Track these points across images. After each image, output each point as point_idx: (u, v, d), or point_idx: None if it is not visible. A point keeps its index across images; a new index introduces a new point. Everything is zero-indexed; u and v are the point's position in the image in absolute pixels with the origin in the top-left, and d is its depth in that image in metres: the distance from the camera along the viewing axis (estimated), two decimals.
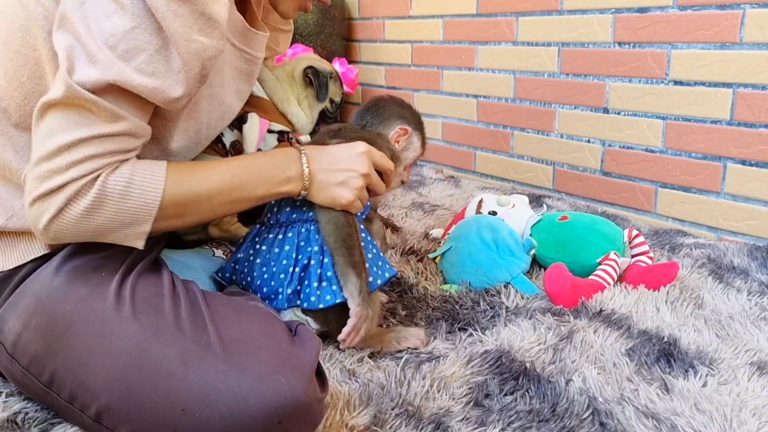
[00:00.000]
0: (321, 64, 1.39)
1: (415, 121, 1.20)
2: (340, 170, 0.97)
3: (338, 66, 2.47)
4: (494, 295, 1.23)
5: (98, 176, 0.77)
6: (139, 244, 0.82)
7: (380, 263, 1.05)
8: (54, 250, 0.86)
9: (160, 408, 0.73)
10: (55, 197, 0.75)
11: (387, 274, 1.05)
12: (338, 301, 0.98)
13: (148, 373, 0.74)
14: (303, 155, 0.95)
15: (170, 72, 0.78)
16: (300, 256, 1.00)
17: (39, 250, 0.85)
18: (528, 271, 1.34)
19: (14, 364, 0.81)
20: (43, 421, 0.85)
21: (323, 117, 1.42)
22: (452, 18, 2.21)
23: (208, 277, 1.08)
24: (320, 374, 0.83)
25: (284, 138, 1.28)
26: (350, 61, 2.64)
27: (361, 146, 1.00)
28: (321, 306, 0.98)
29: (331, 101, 1.41)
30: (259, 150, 1.22)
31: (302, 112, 1.34)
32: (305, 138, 1.38)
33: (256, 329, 0.80)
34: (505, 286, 1.27)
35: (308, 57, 1.41)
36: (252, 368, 0.73)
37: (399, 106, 1.20)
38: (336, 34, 2.57)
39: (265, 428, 0.71)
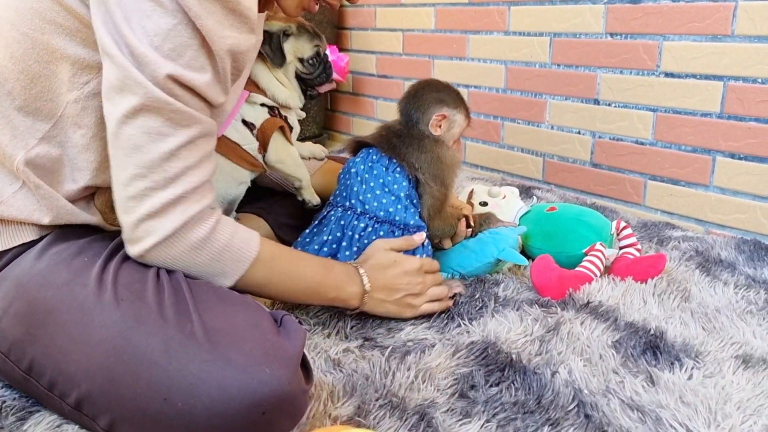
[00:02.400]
0: (278, 23, 1.25)
1: (452, 100, 1.24)
2: (395, 293, 1.07)
3: (329, 53, 2.44)
4: (483, 285, 1.23)
5: (214, 210, 0.83)
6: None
7: None
8: (40, 237, 0.84)
9: (141, 397, 0.71)
10: (164, 220, 0.79)
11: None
12: None
13: (130, 361, 0.73)
14: (363, 275, 1.04)
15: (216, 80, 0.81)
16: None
17: (26, 236, 0.84)
18: (518, 265, 1.33)
19: None
20: (21, 410, 0.84)
21: (303, 82, 1.28)
22: (444, 6, 2.20)
23: None
24: (305, 366, 0.82)
25: (274, 113, 1.24)
26: (341, 49, 2.62)
27: (413, 263, 1.09)
28: None
29: (301, 60, 1.26)
30: (244, 122, 1.21)
31: (278, 85, 1.24)
32: (296, 114, 1.30)
33: (241, 319, 0.79)
34: (495, 275, 1.26)
35: (277, 19, 1.28)
36: (236, 358, 0.72)
37: (435, 90, 1.24)
38: (327, 22, 2.55)
39: (249, 419, 0.70)
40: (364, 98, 2.65)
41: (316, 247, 1.15)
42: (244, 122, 1.20)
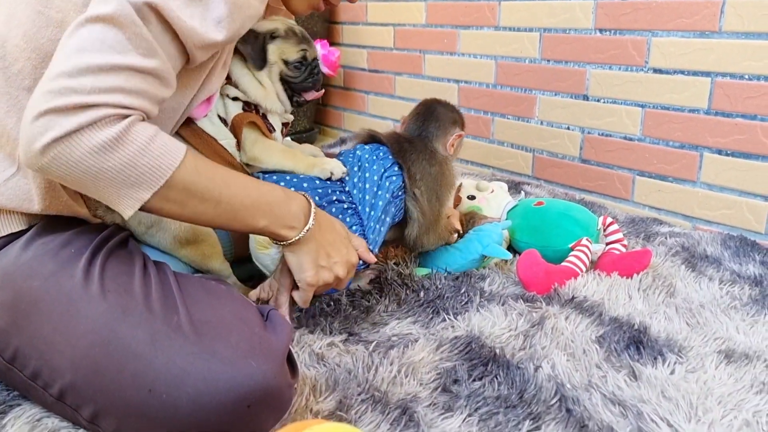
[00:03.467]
0: (270, 23, 1.22)
1: (463, 122, 1.32)
2: (328, 256, 0.94)
3: (319, 48, 2.43)
4: (469, 280, 1.23)
5: (126, 116, 0.73)
6: (128, 213, 0.75)
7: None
8: (29, 227, 0.83)
9: (125, 389, 0.71)
10: (68, 117, 0.69)
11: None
12: None
13: (115, 353, 0.72)
14: (312, 215, 0.91)
15: (208, 18, 0.79)
16: None
17: (14, 226, 0.83)
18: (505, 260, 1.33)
19: None
20: (1, 403, 0.83)
21: (289, 86, 1.24)
22: (435, 1, 2.19)
23: (178, 263, 1.06)
24: (291, 360, 0.82)
25: (250, 108, 1.21)
26: (332, 43, 2.61)
27: (359, 241, 1.01)
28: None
29: (286, 63, 1.22)
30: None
31: (251, 81, 1.19)
32: (281, 117, 1.26)
33: (228, 312, 0.79)
34: (481, 270, 1.26)
35: (269, 19, 1.24)
36: (222, 351, 0.72)
37: (451, 111, 1.30)
38: (318, 16, 2.54)
39: (234, 412, 0.70)
40: (355, 93, 2.65)
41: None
42: (219, 117, 1.17)
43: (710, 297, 1.19)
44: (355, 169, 1.18)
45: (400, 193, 1.19)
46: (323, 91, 1.33)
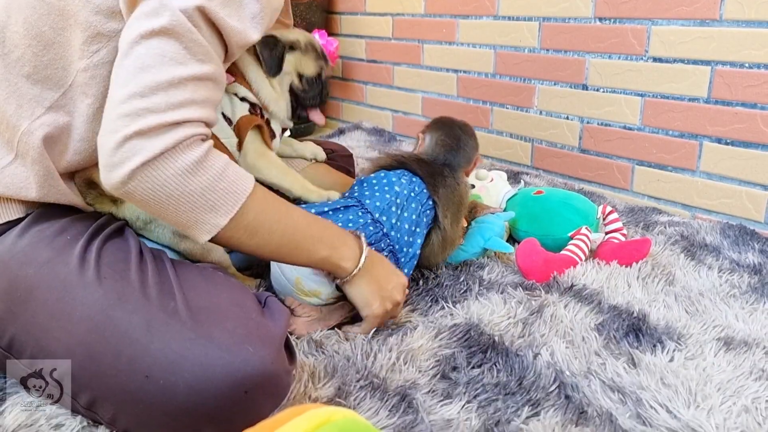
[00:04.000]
0: (292, 35, 1.24)
1: (478, 143, 1.31)
2: (384, 286, 0.97)
3: (317, 37, 2.42)
4: (468, 269, 1.22)
5: (205, 138, 0.75)
6: (204, 238, 0.77)
7: None
8: (26, 214, 0.83)
9: (122, 374, 0.71)
10: (152, 140, 0.70)
11: None
12: None
13: (111, 339, 0.72)
14: (365, 248, 0.94)
15: (244, 17, 0.80)
16: None
17: (11, 213, 0.83)
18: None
19: None
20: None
21: (296, 97, 1.25)
22: None
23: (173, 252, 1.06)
24: (288, 347, 0.82)
25: (255, 111, 1.21)
26: (330, 34, 2.60)
27: (404, 279, 1.01)
28: None
29: (300, 76, 1.24)
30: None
31: (266, 85, 1.19)
32: (281, 123, 1.24)
33: (225, 298, 0.79)
34: (480, 259, 1.26)
35: (290, 30, 1.26)
36: (219, 337, 0.72)
37: (472, 137, 1.29)
38: (316, 6, 2.52)
39: (231, 398, 0.70)
40: (354, 83, 2.63)
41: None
42: (223, 115, 1.17)
43: (709, 285, 1.19)
44: (393, 209, 1.10)
45: (430, 224, 1.16)
46: (324, 118, 1.33)
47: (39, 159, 0.81)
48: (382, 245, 1.07)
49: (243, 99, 1.18)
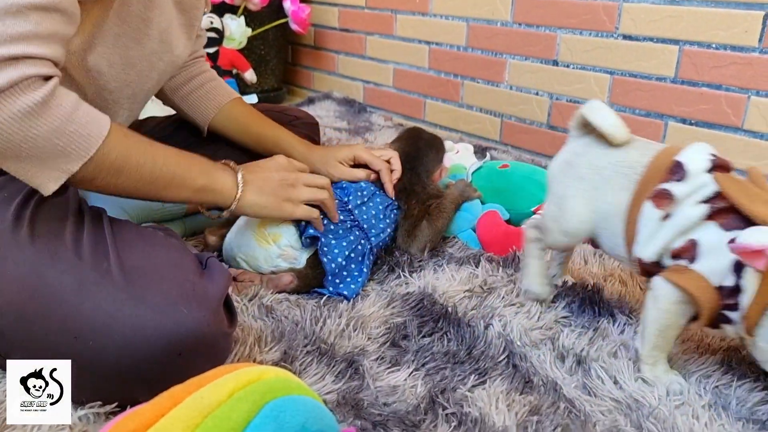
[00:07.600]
0: None
1: (443, 150, 1.34)
2: (279, 192, 0.95)
3: (289, 4, 2.37)
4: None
5: (51, 77, 0.67)
6: (51, 187, 0.71)
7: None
8: None
9: (52, 335, 0.69)
10: None
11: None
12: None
13: (42, 299, 0.69)
14: (238, 167, 0.92)
15: None
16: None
17: None
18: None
19: None
20: None
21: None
22: None
23: (120, 209, 1.03)
24: (230, 309, 0.79)
25: None
26: (302, 0, 2.54)
27: (281, 158, 0.99)
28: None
29: None
30: None
31: None
32: None
33: (162, 259, 0.76)
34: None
35: None
36: (152, 298, 0.69)
37: (433, 149, 1.30)
38: None
39: (165, 361, 0.68)
40: (326, 52, 2.59)
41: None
42: None
43: None
44: (358, 193, 1.12)
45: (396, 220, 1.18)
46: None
47: None
48: (348, 223, 1.06)
49: None
